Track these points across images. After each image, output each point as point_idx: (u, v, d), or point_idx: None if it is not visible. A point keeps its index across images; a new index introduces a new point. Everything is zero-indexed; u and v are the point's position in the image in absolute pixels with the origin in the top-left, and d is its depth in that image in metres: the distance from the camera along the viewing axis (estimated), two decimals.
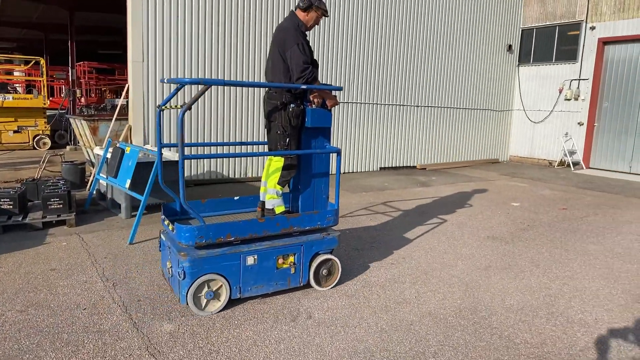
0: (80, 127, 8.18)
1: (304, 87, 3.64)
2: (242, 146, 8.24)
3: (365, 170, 10.65)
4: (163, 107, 3.61)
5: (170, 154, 6.29)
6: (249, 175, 8.99)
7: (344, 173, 10.20)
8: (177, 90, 3.65)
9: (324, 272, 3.90)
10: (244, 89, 8.70)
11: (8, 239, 4.96)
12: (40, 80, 13.68)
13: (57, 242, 4.91)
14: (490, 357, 2.98)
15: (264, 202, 4.01)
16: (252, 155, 3.96)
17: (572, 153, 12.17)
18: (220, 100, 8.49)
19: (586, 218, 6.79)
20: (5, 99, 12.31)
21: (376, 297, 3.83)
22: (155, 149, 6.78)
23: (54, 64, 22.61)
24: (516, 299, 3.90)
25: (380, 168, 10.91)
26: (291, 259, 3.73)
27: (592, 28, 11.73)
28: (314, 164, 3.95)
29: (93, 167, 7.42)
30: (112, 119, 7.62)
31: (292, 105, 3.72)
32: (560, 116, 12.50)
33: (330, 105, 3.88)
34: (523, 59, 13.28)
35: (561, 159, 12.41)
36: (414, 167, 11.50)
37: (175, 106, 3.56)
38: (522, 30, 13.23)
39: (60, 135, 13.78)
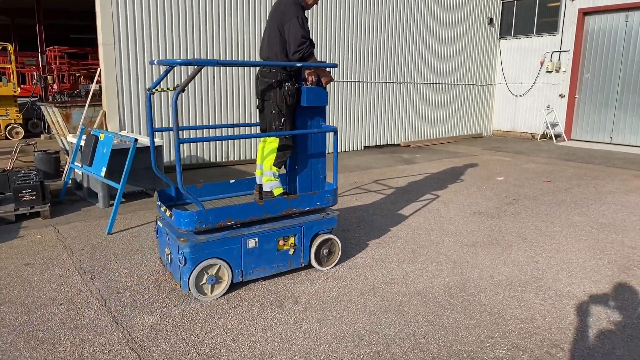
0: (52, 114, 7.87)
1: (299, 64, 3.51)
2: (233, 128, 7.99)
3: (349, 149, 10.54)
4: (153, 90, 3.46)
5: (146, 140, 6.08)
6: (231, 158, 8.80)
7: (328, 153, 10.05)
8: (167, 72, 3.46)
9: (325, 251, 3.88)
10: (233, 69, 8.45)
11: None
12: (9, 67, 13.12)
13: (31, 235, 4.72)
14: (480, 334, 2.94)
15: (260, 185, 3.94)
16: (247, 137, 3.82)
17: (554, 125, 12.21)
18: (209, 82, 8.23)
19: (570, 190, 6.81)
20: None
21: (364, 278, 3.76)
22: (131, 135, 6.55)
23: (23, 50, 21.77)
24: (504, 274, 3.86)
25: (365, 147, 10.80)
26: (292, 240, 3.68)
27: None
28: (310, 144, 3.85)
29: (68, 156, 7.15)
30: (85, 105, 7.33)
31: (287, 83, 3.59)
32: (542, 89, 12.50)
33: (325, 82, 3.76)
34: (504, 32, 13.19)
35: (543, 132, 12.46)
36: (398, 144, 11.43)
37: (168, 88, 3.38)
38: (502, 3, 13.09)
39: (34, 124, 13.31)
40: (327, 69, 3.82)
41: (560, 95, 12.11)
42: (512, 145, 11.63)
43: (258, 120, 4.10)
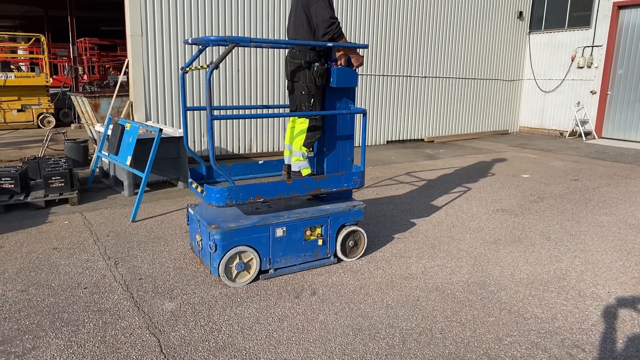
0: (81, 104, 8.06)
1: (330, 44, 3.48)
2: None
3: (373, 144, 10.48)
4: (187, 69, 3.53)
5: (171, 130, 6.18)
6: (254, 150, 8.87)
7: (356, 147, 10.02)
8: (200, 51, 3.53)
9: (351, 243, 3.90)
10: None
11: (10, 218, 4.92)
12: (42, 58, 13.50)
13: (60, 221, 4.87)
14: (499, 332, 2.90)
15: (289, 166, 3.95)
16: (277, 116, 3.83)
17: (584, 123, 11.87)
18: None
19: (598, 189, 6.62)
20: (7, 77, 12.19)
21: (382, 272, 3.75)
22: (157, 125, 6.66)
23: (56, 41, 22.35)
24: (526, 272, 3.79)
25: (387, 141, 10.72)
26: (318, 230, 3.72)
27: None
28: (339, 126, 3.84)
29: (96, 145, 7.33)
30: (113, 96, 7.49)
31: (316, 64, 3.58)
32: (572, 85, 12.15)
33: (356, 64, 3.72)
34: (534, 26, 12.85)
35: (572, 129, 12.12)
36: (422, 139, 11.30)
37: (202, 66, 3.41)
38: None
39: (65, 114, 13.68)
40: (358, 50, 3.77)
41: (591, 91, 11.75)
42: (539, 142, 11.37)
43: (288, 102, 4.10)
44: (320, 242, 3.75)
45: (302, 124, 3.74)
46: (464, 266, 3.90)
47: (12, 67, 14.26)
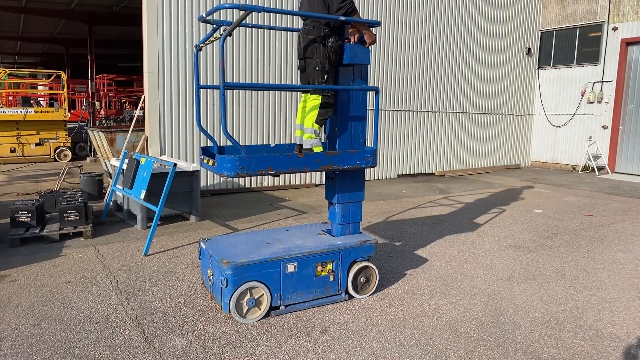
0: (97, 138, 8.26)
1: (342, 18, 3.49)
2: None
3: (383, 177, 10.51)
4: (201, 46, 3.56)
5: (184, 164, 6.28)
6: (265, 184, 8.94)
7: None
8: (214, 30, 3.58)
9: (362, 279, 3.88)
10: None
11: (25, 251, 4.98)
12: (61, 94, 13.93)
13: (73, 254, 4.91)
14: None
15: (300, 146, 3.89)
16: (292, 87, 3.73)
17: (596, 157, 11.82)
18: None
19: (613, 225, 6.53)
20: (28, 112, 12.57)
21: (394, 309, 3.71)
22: (171, 160, 6.79)
23: (75, 77, 23.09)
24: (541, 311, 3.72)
25: (398, 175, 10.75)
26: (329, 266, 3.72)
27: (615, 29, 11.42)
28: (352, 106, 3.81)
29: (110, 178, 7.46)
30: (128, 130, 7.67)
31: (330, 39, 3.58)
32: (583, 120, 12.17)
33: (369, 41, 3.73)
34: (543, 62, 13.01)
35: (585, 164, 12.06)
36: (433, 174, 11.32)
37: (215, 38, 3.46)
38: (541, 32, 12.97)
39: (81, 147, 14.00)
40: (371, 27, 3.77)
41: (602, 126, 11.75)
42: (551, 177, 11.31)
43: (300, 82, 4.06)
44: (331, 278, 3.74)
45: (315, 100, 3.69)
46: (477, 304, 3.84)
47: (32, 102, 14.72)
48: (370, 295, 3.94)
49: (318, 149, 3.74)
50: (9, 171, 10.96)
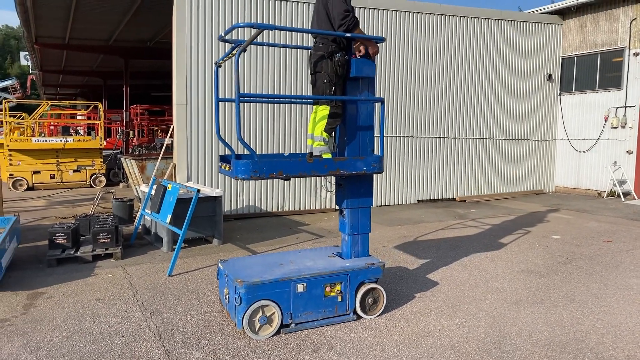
0: (129, 165, 8.78)
1: (348, 35, 3.80)
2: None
3: (403, 203, 10.66)
4: (220, 63, 3.92)
5: (208, 190, 6.65)
6: (286, 209, 9.24)
7: (380, 206, 10.26)
8: (233, 48, 3.92)
9: (370, 300, 4.07)
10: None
11: (61, 270, 5.39)
12: (98, 123, 14.77)
13: (104, 274, 5.29)
14: None
15: (311, 153, 4.15)
16: (300, 98, 4.07)
17: (622, 183, 11.66)
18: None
19: (632, 251, 6.50)
20: (67, 141, 13.39)
21: (399, 329, 3.87)
22: (196, 186, 7.18)
23: (111, 107, 24.32)
24: (544, 334, 3.82)
25: (418, 201, 10.88)
26: (338, 287, 3.93)
27: (636, 54, 11.42)
28: (360, 116, 4.08)
29: (140, 203, 7.91)
30: (158, 158, 8.15)
31: (337, 54, 3.90)
32: (608, 145, 12.08)
33: (373, 53, 4.00)
34: (565, 88, 13.05)
35: (611, 189, 11.90)
36: (454, 199, 11.39)
37: (232, 53, 3.83)
38: (562, 59, 13.05)
39: (115, 174, 14.71)
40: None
41: (627, 151, 11.63)
42: (575, 202, 11.21)
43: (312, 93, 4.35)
44: (339, 298, 3.94)
45: (324, 110, 3.99)
46: (482, 325, 3.96)
47: (71, 131, 15.64)
48: (378, 316, 4.12)
49: (327, 156, 4.02)
50: (49, 196, 11.64)
